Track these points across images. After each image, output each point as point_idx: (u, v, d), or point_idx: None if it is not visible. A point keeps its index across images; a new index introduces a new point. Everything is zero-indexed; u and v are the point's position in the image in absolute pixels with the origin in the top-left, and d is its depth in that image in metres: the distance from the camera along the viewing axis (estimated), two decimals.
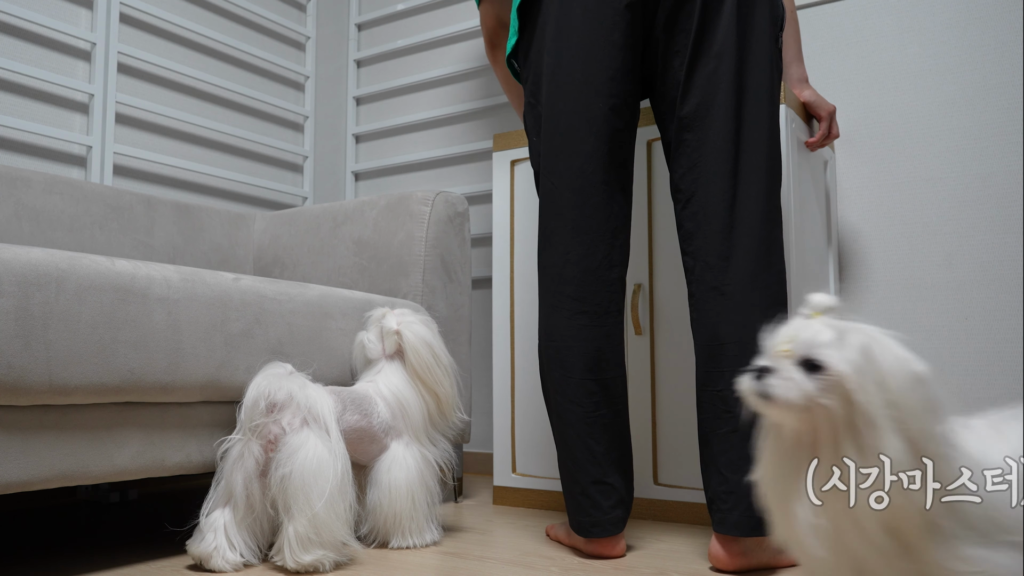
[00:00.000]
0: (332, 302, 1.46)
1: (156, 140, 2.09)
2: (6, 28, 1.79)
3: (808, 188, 1.70)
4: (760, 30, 1.25)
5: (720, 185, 1.21)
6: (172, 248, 1.89)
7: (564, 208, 1.29)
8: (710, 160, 1.22)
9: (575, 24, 1.26)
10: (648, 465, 1.57)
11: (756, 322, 1.08)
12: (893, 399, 0.61)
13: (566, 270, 1.28)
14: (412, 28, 2.57)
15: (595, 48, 1.25)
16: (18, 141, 1.81)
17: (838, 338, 0.67)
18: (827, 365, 0.65)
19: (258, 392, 1.15)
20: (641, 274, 1.61)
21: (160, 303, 1.16)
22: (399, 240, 1.79)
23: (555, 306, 1.29)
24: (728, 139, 1.21)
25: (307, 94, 2.52)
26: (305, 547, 1.10)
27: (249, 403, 1.15)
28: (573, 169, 1.27)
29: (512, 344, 1.78)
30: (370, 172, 2.61)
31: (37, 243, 1.61)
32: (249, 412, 1.15)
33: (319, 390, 1.21)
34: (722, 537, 1.17)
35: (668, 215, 1.60)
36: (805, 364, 0.67)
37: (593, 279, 1.27)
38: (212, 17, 2.26)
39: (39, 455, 1.04)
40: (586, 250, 1.27)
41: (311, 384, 1.20)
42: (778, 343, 0.69)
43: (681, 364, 1.55)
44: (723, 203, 1.21)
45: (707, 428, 1.22)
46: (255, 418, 1.15)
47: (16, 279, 1.00)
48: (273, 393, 1.15)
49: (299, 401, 1.16)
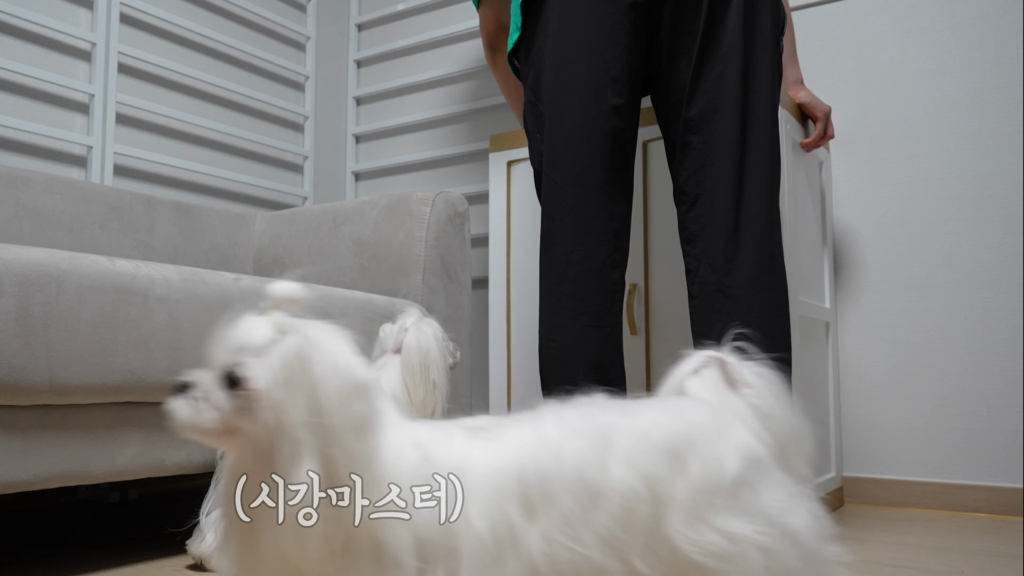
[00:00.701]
0: (332, 302, 1.47)
1: (156, 140, 2.10)
2: (6, 28, 1.79)
3: (803, 189, 1.71)
4: (764, 33, 1.25)
5: (726, 188, 1.22)
6: (172, 248, 1.89)
7: (567, 208, 1.29)
8: (716, 163, 1.23)
9: (579, 23, 1.26)
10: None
11: (759, 324, 1.08)
12: (319, 416, 0.53)
13: (569, 269, 1.28)
14: (412, 28, 2.57)
15: (599, 48, 1.25)
16: (19, 141, 1.81)
17: (272, 342, 0.55)
18: (245, 379, 0.54)
19: None
20: (637, 274, 1.61)
21: (161, 303, 1.16)
22: (399, 240, 1.79)
23: (557, 305, 1.29)
24: (734, 142, 1.22)
25: (307, 94, 2.53)
26: None
27: None
28: (576, 169, 1.28)
29: (508, 345, 1.78)
30: (370, 172, 2.61)
31: (38, 243, 1.62)
32: None
33: None
34: None
35: (664, 215, 1.60)
36: (228, 377, 0.55)
37: (596, 279, 1.28)
38: (212, 17, 2.26)
39: (40, 455, 1.04)
40: (589, 250, 1.27)
41: None
42: (213, 347, 0.57)
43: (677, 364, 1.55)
44: (729, 206, 1.21)
45: None
46: None
47: (17, 279, 1.00)
48: None
49: None
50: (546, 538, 0.56)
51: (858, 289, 1.83)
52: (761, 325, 1.14)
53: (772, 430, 0.65)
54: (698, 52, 1.23)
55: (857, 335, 1.83)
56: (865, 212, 1.83)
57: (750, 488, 0.60)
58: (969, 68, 1.75)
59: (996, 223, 1.70)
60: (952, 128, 1.75)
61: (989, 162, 1.71)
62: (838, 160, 1.86)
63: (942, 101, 1.77)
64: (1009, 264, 1.68)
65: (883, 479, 1.76)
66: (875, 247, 1.82)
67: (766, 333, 1.16)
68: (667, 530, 0.58)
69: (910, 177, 1.79)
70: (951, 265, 1.73)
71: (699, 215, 1.24)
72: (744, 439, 0.63)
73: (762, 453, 0.63)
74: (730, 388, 0.67)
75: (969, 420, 1.69)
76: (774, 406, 0.66)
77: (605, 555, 0.57)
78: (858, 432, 1.80)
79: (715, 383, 0.67)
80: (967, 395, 1.70)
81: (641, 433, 0.60)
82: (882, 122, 1.83)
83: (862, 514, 1.65)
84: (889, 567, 1.17)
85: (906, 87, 1.81)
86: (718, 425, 0.63)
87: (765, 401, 0.66)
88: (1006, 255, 1.68)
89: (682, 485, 0.58)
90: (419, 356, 1.37)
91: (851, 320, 1.83)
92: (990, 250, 1.70)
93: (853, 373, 1.81)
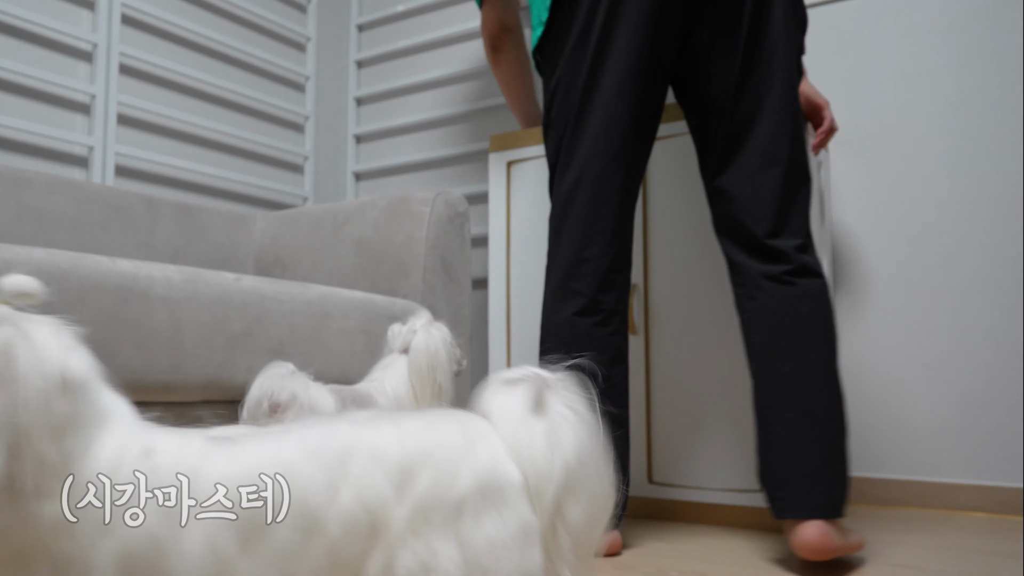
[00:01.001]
0: (332, 302, 1.47)
1: (157, 141, 2.10)
2: (7, 29, 1.80)
3: None
4: (793, 32, 1.28)
5: (772, 187, 1.23)
6: (173, 248, 1.89)
7: (581, 206, 1.29)
8: (762, 162, 1.24)
9: (614, 23, 1.26)
10: (643, 464, 1.58)
11: (811, 309, 1.13)
12: (14, 415, 0.49)
13: (579, 268, 1.29)
14: (412, 29, 2.57)
15: (633, 49, 1.25)
16: (20, 142, 1.81)
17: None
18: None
19: (261, 392, 1.15)
20: (636, 274, 1.62)
21: (161, 303, 1.17)
22: (399, 240, 1.80)
23: (563, 301, 1.30)
24: (779, 143, 1.24)
25: (308, 95, 2.53)
26: None
27: (252, 403, 1.16)
28: (595, 169, 1.28)
29: (508, 345, 1.79)
30: (370, 172, 2.62)
31: (39, 243, 1.62)
32: (252, 412, 1.15)
33: (321, 390, 1.21)
34: (805, 523, 1.13)
35: (663, 216, 1.60)
36: None
37: (604, 280, 1.28)
38: (213, 18, 2.26)
39: None
40: (600, 250, 1.28)
41: (313, 384, 1.21)
42: None
43: (676, 363, 1.56)
44: (774, 203, 1.23)
45: (771, 414, 1.20)
46: (258, 418, 1.15)
47: None
48: (276, 393, 1.16)
49: (302, 401, 1.17)
50: (259, 573, 0.51)
51: (856, 289, 1.84)
52: (815, 309, 1.19)
53: (545, 462, 0.57)
54: (744, 52, 1.24)
55: (855, 335, 1.83)
56: (864, 212, 1.84)
57: (474, 514, 0.54)
58: (968, 68, 1.75)
59: (995, 223, 1.70)
60: (951, 128, 1.76)
61: (988, 162, 1.71)
62: (837, 160, 1.86)
63: (941, 102, 1.77)
64: (1008, 264, 1.68)
65: (882, 479, 1.76)
66: (874, 247, 1.82)
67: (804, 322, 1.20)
68: (367, 568, 0.53)
69: (909, 177, 1.79)
70: (950, 265, 1.74)
71: (746, 210, 1.25)
72: (492, 460, 0.56)
73: (510, 480, 0.55)
74: (534, 410, 0.59)
75: (969, 420, 1.69)
76: (566, 440, 0.58)
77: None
78: (857, 432, 1.80)
79: (520, 402, 0.59)
80: (967, 395, 1.70)
81: (378, 452, 0.55)
82: (881, 122, 1.83)
83: (861, 513, 1.66)
84: (888, 566, 1.18)
85: (905, 88, 1.81)
86: (469, 442, 0.56)
87: (562, 431, 0.58)
88: (1005, 255, 1.68)
89: (406, 504, 0.53)
90: (427, 358, 1.37)
91: (849, 320, 1.83)
92: (989, 250, 1.70)
93: (851, 373, 1.81)
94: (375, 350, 1.52)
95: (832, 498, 1.13)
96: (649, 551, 1.29)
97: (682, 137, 1.59)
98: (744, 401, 1.47)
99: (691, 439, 1.53)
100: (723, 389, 1.51)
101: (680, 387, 1.55)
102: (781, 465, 1.18)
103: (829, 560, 1.16)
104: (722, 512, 1.49)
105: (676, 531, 1.45)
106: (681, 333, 1.56)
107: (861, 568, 1.17)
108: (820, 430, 1.16)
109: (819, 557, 1.13)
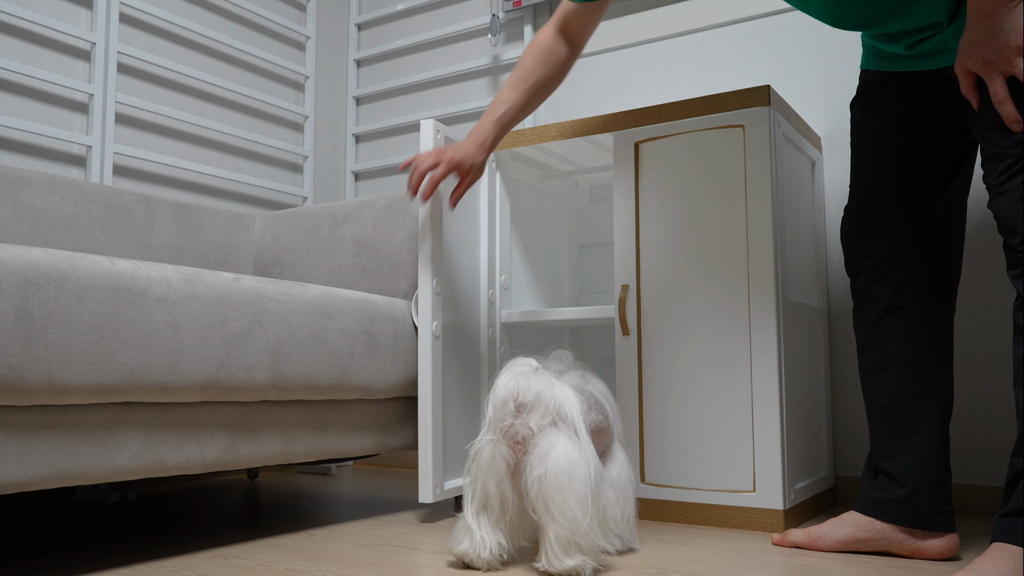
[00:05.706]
0: (332, 302, 1.47)
1: (156, 140, 2.10)
2: (6, 28, 1.79)
3: (796, 188, 1.71)
4: None
5: None
6: (172, 248, 1.89)
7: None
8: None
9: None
10: (636, 464, 1.58)
11: None
12: None
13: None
14: (412, 28, 2.57)
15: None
16: (18, 141, 1.81)
17: None
18: None
19: (507, 392, 1.13)
20: (628, 275, 1.61)
21: (160, 303, 1.16)
22: (399, 240, 1.80)
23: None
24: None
25: (307, 94, 2.53)
26: (567, 551, 1.08)
27: (499, 403, 1.13)
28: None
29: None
30: (370, 172, 2.61)
31: (37, 243, 1.62)
32: (499, 413, 1.13)
33: (566, 389, 1.18)
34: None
35: (656, 217, 1.60)
36: None
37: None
38: (212, 17, 2.26)
39: (39, 455, 1.04)
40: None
41: (558, 383, 1.18)
42: None
43: (668, 364, 1.55)
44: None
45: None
46: (505, 419, 1.13)
47: (16, 279, 1.00)
48: (522, 393, 1.14)
49: (547, 402, 1.14)
50: None
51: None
52: None
53: None
54: None
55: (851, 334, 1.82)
56: None
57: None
58: None
59: (994, 223, 1.69)
60: None
61: None
62: (830, 160, 1.86)
63: None
64: None
65: None
66: None
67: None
68: None
69: None
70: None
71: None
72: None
73: None
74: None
75: (968, 420, 1.69)
76: None
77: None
78: (852, 432, 1.80)
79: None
80: (966, 395, 1.70)
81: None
82: None
83: None
84: (888, 566, 1.17)
85: None
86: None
87: None
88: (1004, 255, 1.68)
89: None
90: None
91: (844, 319, 1.83)
92: (989, 250, 1.70)
93: (847, 373, 1.81)
94: (375, 350, 1.52)
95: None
96: (649, 551, 1.29)
97: (676, 137, 1.59)
98: (738, 401, 1.47)
99: (684, 439, 1.53)
100: (716, 389, 1.50)
101: (673, 388, 1.55)
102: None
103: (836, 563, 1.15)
104: (713, 512, 1.49)
105: (678, 532, 1.45)
106: (674, 334, 1.56)
107: (859, 568, 1.17)
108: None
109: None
